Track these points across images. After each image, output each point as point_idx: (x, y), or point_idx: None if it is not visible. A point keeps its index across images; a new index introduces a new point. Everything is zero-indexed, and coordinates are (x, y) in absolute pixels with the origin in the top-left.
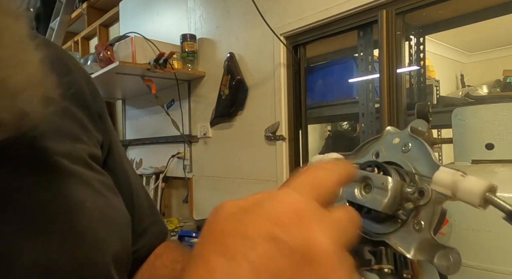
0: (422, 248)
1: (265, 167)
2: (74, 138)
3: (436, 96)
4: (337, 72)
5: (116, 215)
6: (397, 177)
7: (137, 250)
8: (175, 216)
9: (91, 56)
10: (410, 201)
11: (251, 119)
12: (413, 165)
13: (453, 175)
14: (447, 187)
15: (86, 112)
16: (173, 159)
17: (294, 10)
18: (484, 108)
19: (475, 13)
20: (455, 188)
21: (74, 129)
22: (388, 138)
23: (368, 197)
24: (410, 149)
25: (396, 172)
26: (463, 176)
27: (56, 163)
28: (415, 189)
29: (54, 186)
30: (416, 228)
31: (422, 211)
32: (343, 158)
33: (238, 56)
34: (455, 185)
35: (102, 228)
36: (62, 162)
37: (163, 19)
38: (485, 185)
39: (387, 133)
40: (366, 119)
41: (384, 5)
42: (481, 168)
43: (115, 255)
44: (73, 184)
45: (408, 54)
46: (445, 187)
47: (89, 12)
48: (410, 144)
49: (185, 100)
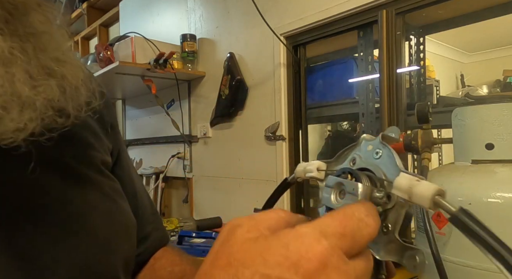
0: (390, 249)
1: (265, 167)
2: (87, 146)
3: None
4: (337, 72)
5: (124, 219)
6: (367, 182)
7: (139, 254)
8: (175, 216)
9: (91, 56)
10: (379, 205)
11: (251, 119)
12: (383, 170)
13: (409, 180)
14: (404, 192)
15: (98, 122)
16: (173, 159)
17: (294, 10)
18: (484, 108)
19: (475, 13)
20: (410, 192)
21: (87, 137)
22: (363, 145)
23: (341, 202)
24: (381, 156)
25: (368, 178)
26: (418, 181)
27: (73, 168)
28: (383, 194)
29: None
30: (384, 231)
31: (389, 215)
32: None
33: (238, 56)
34: (410, 189)
35: (112, 230)
36: (78, 167)
37: (163, 19)
38: (435, 189)
39: (362, 140)
40: (366, 119)
41: (384, 5)
42: (481, 168)
43: (125, 256)
44: (88, 189)
45: (408, 54)
46: (403, 192)
47: (89, 12)
48: (381, 151)
49: (185, 100)
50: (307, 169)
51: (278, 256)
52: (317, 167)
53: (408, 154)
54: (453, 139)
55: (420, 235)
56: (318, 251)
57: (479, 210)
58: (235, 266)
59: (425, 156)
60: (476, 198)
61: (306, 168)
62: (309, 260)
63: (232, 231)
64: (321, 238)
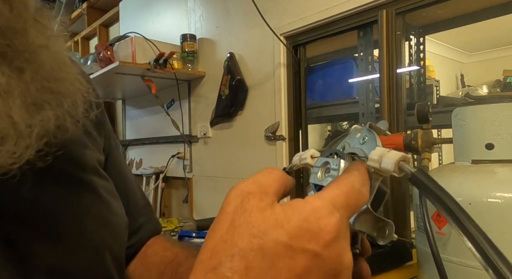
0: (363, 220)
1: (265, 167)
2: (82, 146)
3: (436, 96)
4: (337, 72)
5: (117, 221)
6: (350, 161)
7: (132, 245)
8: (175, 216)
9: (91, 56)
10: None
11: (251, 119)
12: (365, 153)
13: (382, 151)
14: (376, 161)
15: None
16: (173, 159)
17: (294, 10)
18: (484, 108)
19: (475, 13)
20: (380, 160)
21: (81, 137)
22: (352, 134)
23: (325, 178)
24: (366, 141)
25: (351, 157)
26: (388, 151)
27: (67, 171)
28: None
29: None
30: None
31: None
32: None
33: (238, 56)
34: (381, 158)
35: (105, 232)
36: (73, 171)
37: (163, 19)
38: (400, 154)
39: (353, 130)
40: (366, 119)
41: (384, 5)
42: (481, 168)
43: (115, 256)
44: (82, 192)
45: (408, 54)
46: (375, 161)
47: (89, 12)
48: (367, 137)
49: (185, 100)
50: (302, 157)
51: (300, 229)
52: (311, 154)
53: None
54: (453, 139)
55: (420, 235)
56: (334, 223)
57: (479, 210)
58: (258, 236)
59: (425, 156)
60: (476, 198)
61: (301, 156)
62: (328, 232)
63: (246, 199)
64: (334, 210)
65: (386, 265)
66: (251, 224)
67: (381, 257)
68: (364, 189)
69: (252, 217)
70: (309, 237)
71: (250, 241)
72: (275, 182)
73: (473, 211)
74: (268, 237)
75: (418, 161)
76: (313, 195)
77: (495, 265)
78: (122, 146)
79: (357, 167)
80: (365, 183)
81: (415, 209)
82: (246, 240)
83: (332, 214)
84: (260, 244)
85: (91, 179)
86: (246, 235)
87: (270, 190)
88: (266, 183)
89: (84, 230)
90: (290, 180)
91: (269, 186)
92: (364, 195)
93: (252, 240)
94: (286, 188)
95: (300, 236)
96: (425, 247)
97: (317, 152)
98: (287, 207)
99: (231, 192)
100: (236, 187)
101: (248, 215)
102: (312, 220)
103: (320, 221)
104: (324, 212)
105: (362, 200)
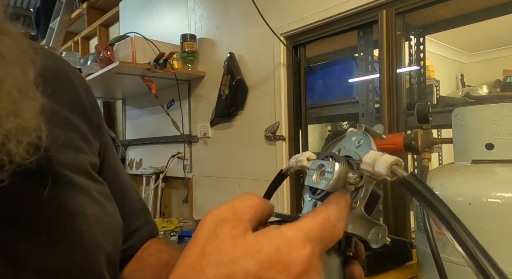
0: (357, 223)
1: (265, 167)
2: (76, 149)
3: (436, 96)
4: (337, 72)
5: (111, 221)
6: (345, 164)
7: (128, 247)
8: (175, 216)
9: (91, 56)
10: (352, 184)
11: (251, 119)
12: (360, 156)
13: (375, 155)
14: (369, 164)
15: (87, 124)
16: (173, 159)
17: (294, 10)
18: (484, 108)
19: (475, 13)
20: (374, 164)
21: (76, 140)
22: (348, 137)
23: (320, 181)
24: (362, 144)
25: (346, 161)
26: (381, 155)
27: (60, 173)
28: (358, 175)
29: (58, 195)
30: (353, 206)
31: (359, 192)
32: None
33: (238, 56)
34: (374, 161)
35: (99, 234)
36: (66, 173)
37: (163, 19)
38: (393, 158)
39: (349, 133)
40: (366, 119)
41: (384, 5)
42: (481, 168)
43: (109, 257)
44: (75, 194)
45: (408, 54)
46: (368, 165)
47: (89, 12)
48: (362, 140)
49: (185, 100)
50: (298, 159)
51: (271, 260)
52: (307, 157)
53: (408, 154)
54: (453, 139)
55: (420, 235)
56: (305, 255)
57: (479, 210)
58: (227, 265)
59: (425, 156)
60: (476, 198)
61: (297, 158)
62: (299, 264)
63: (220, 226)
64: (306, 242)
65: (386, 265)
66: (221, 252)
67: (381, 257)
68: (339, 223)
69: (223, 245)
70: (279, 269)
71: (219, 270)
72: (251, 209)
73: (473, 211)
74: (237, 266)
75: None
76: (287, 225)
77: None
78: (122, 146)
79: (336, 199)
80: (342, 217)
81: (415, 209)
82: (214, 269)
83: (304, 246)
84: (228, 273)
85: (85, 182)
86: (215, 264)
87: (244, 217)
88: (241, 209)
89: (76, 231)
90: (268, 206)
91: (244, 213)
92: (339, 229)
93: (221, 269)
94: (263, 214)
95: (270, 266)
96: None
97: (313, 154)
98: (260, 235)
99: (206, 216)
100: (212, 212)
101: (220, 243)
102: (284, 250)
103: (291, 253)
104: (296, 243)
105: (337, 233)
